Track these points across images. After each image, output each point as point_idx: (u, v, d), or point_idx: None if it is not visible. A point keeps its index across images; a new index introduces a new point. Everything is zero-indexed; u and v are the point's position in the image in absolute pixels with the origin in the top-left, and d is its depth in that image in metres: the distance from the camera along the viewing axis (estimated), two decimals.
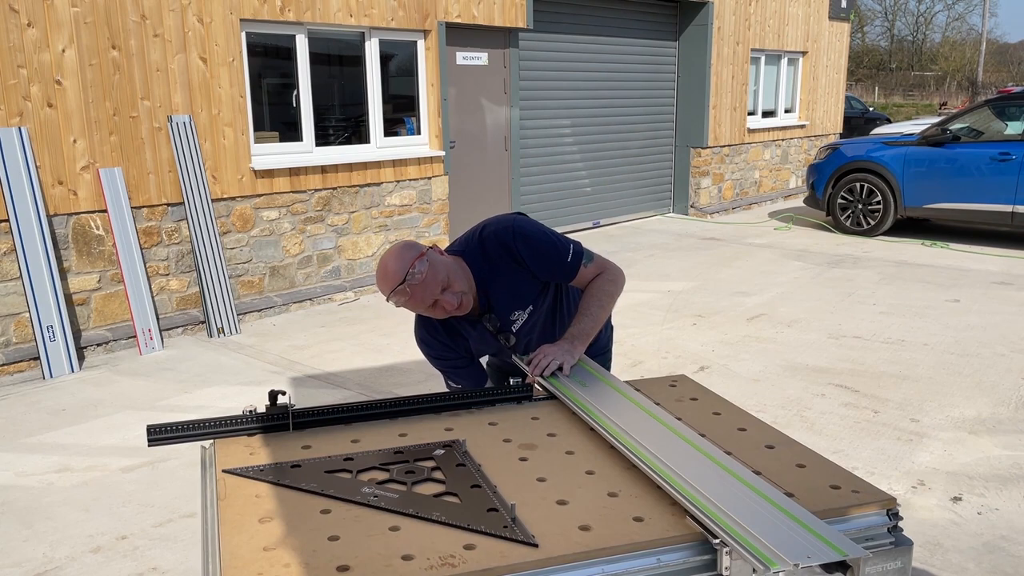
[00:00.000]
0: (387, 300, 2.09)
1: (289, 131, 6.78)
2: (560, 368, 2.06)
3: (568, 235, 2.31)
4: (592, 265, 2.29)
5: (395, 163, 7.31)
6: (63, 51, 5.23)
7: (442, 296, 2.07)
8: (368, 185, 7.13)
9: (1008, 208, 8.63)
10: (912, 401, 4.59)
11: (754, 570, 1.29)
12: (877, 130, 15.93)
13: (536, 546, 1.32)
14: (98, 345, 5.45)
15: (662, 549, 1.34)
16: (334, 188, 6.90)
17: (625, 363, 5.22)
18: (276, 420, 1.79)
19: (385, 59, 7.33)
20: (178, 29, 5.76)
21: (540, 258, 2.21)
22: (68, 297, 5.36)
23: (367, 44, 7.11)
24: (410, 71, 7.59)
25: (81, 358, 5.31)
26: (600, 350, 2.47)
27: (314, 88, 6.80)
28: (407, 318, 2.46)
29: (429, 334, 2.32)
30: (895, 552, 1.44)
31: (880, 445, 4.03)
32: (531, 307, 2.28)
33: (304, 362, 5.29)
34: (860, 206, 9.63)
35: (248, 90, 6.27)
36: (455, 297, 2.09)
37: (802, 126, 13.22)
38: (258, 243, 6.44)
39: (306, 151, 6.81)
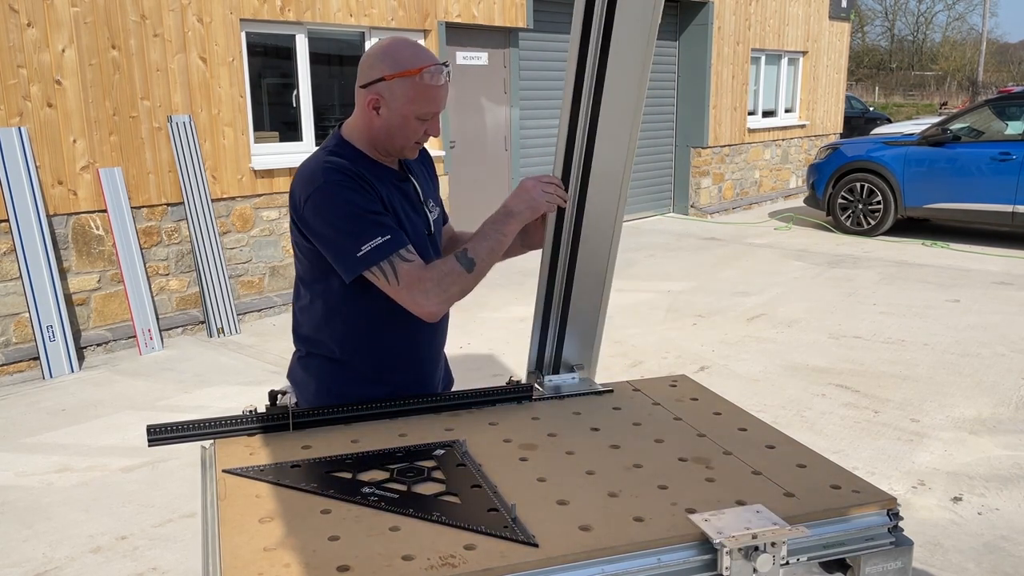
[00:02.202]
0: (436, 77, 1.78)
1: (289, 131, 6.78)
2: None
3: None
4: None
5: None
6: (63, 51, 5.23)
7: (436, 119, 1.85)
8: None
9: (1008, 208, 8.63)
10: (912, 401, 4.59)
11: (755, 569, 1.29)
12: (877, 130, 15.95)
13: (536, 546, 1.32)
14: (98, 345, 5.45)
15: (662, 549, 1.34)
16: None
17: (625, 363, 5.22)
18: (276, 420, 1.79)
19: None
20: (178, 29, 5.76)
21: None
22: (68, 297, 5.36)
23: (367, 44, 7.11)
24: None
25: (81, 358, 5.31)
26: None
27: (314, 88, 6.80)
28: None
29: (358, 171, 1.81)
30: (895, 552, 1.44)
31: (880, 445, 4.03)
32: (439, 211, 2.07)
33: None
34: (860, 206, 9.63)
35: (248, 90, 6.27)
36: (437, 127, 1.87)
37: (802, 126, 13.23)
38: (258, 243, 6.44)
39: (306, 151, 6.81)
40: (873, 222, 9.55)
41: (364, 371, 1.94)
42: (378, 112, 1.82)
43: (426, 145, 2.00)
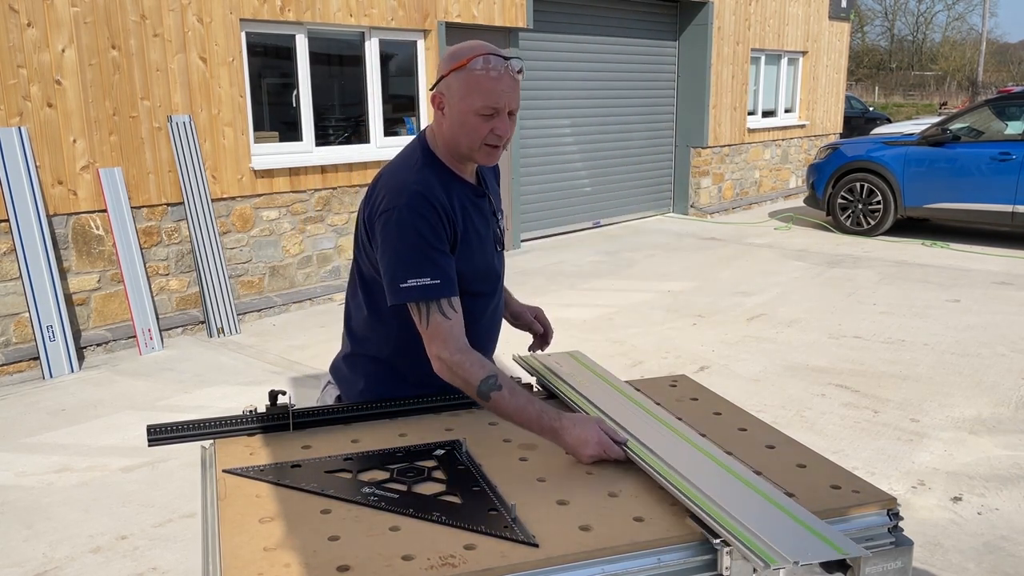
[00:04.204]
0: (488, 67, 1.74)
1: (289, 131, 6.78)
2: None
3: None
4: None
5: None
6: (63, 51, 5.23)
7: (511, 118, 1.80)
8: (368, 185, 7.13)
9: (1008, 208, 8.63)
10: (912, 401, 4.59)
11: (755, 569, 1.29)
12: (877, 130, 15.94)
13: (536, 546, 1.32)
14: (98, 345, 5.45)
15: (662, 549, 1.34)
16: (334, 188, 6.90)
17: (625, 363, 5.22)
18: (276, 420, 1.79)
19: (385, 59, 7.33)
20: (178, 29, 5.76)
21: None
22: (68, 297, 5.36)
23: (367, 44, 7.11)
24: (410, 71, 7.59)
25: (81, 358, 5.31)
26: None
27: (314, 88, 6.79)
28: None
29: (437, 195, 1.79)
30: (895, 552, 1.44)
31: (880, 445, 4.03)
32: (502, 221, 2.07)
33: (304, 362, 5.29)
34: (860, 206, 9.63)
35: (248, 90, 6.27)
36: (513, 127, 1.82)
37: (802, 126, 13.22)
38: (258, 243, 6.43)
39: (306, 151, 6.81)
40: (873, 222, 9.55)
41: (412, 376, 1.93)
42: (443, 112, 1.81)
43: None
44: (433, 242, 1.75)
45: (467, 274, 1.84)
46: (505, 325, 2.19)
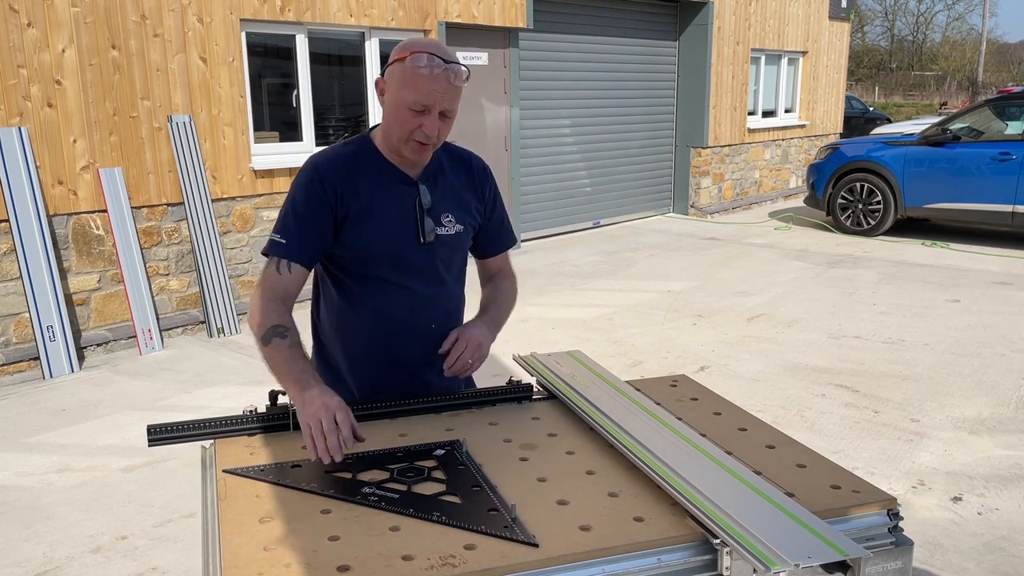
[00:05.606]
0: (426, 64, 1.76)
1: (289, 131, 6.78)
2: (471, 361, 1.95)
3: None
4: (508, 257, 2.24)
5: None
6: (63, 51, 5.23)
7: (444, 119, 1.82)
8: None
9: (1008, 208, 8.63)
10: (912, 401, 4.59)
11: (755, 570, 1.29)
12: (877, 130, 15.94)
13: (536, 546, 1.32)
14: (98, 345, 5.45)
15: (662, 549, 1.34)
16: None
17: (625, 363, 5.22)
18: (276, 420, 1.79)
19: (385, 59, 7.31)
20: (178, 29, 5.76)
21: (498, 206, 2.12)
22: (68, 297, 5.36)
23: (367, 44, 7.11)
24: None
25: (81, 358, 5.31)
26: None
27: (314, 88, 6.80)
28: None
29: (333, 170, 1.87)
30: (896, 552, 1.44)
31: (880, 445, 4.03)
32: (462, 228, 2.00)
33: None
34: (860, 206, 9.63)
35: (248, 90, 6.27)
36: (446, 128, 1.84)
37: (802, 126, 13.22)
38: (258, 243, 6.43)
39: (306, 151, 6.81)
40: (873, 222, 9.55)
41: (336, 365, 2.04)
42: (383, 98, 1.86)
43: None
44: (303, 212, 1.85)
45: (365, 251, 1.89)
46: (508, 326, 2.21)
